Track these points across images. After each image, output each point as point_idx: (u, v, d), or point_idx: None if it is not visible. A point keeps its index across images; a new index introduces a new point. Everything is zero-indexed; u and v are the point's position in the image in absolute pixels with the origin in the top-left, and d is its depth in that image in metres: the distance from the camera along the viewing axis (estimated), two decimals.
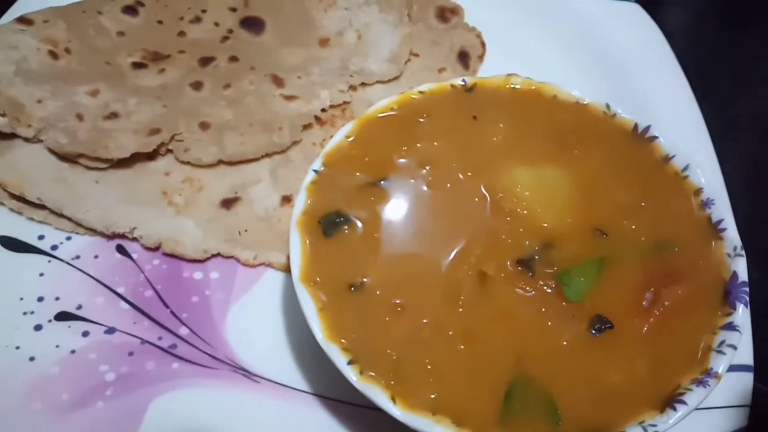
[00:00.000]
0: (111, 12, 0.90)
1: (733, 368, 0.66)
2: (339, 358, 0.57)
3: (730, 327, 0.59)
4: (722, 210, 0.65)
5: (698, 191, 0.67)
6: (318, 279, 0.61)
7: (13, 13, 0.95)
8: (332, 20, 0.96)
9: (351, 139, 0.71)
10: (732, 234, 0.64)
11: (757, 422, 0.68)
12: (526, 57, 0.99)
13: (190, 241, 0.79)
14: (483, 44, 1.00)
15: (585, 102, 0.74)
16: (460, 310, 0.59)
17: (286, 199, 0.82)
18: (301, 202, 0.66)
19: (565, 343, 0.58)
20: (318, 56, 0.92)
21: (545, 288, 0.60)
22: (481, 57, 1.00)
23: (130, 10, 0.91)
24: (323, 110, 0.88)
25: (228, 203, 0.82)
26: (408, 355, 0.57)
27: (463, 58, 0.98)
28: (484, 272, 0.60)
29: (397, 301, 0.60)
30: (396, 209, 0.66)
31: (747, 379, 0.70)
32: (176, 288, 0.77)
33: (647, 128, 0.71)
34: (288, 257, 0.77)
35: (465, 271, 0.61)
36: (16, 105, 0.80)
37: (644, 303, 0.60)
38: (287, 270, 0.79)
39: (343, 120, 0.89)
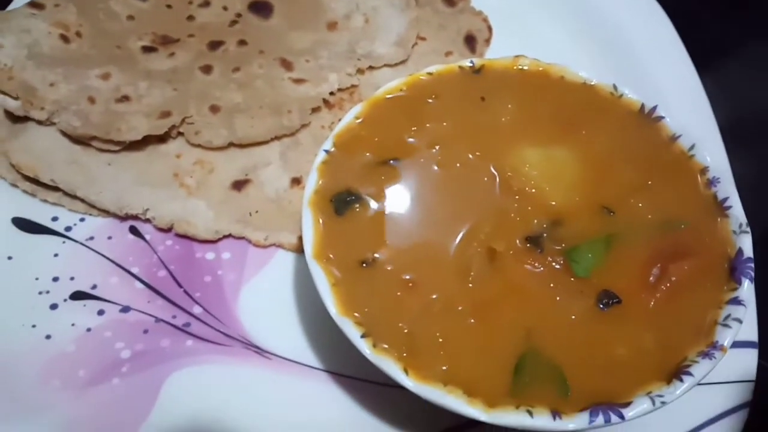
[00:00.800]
0: None
1: (738, 344, 0.68)
2: (352, 332, 0.58)
3: (736, 302, 0.60)
4: (727, 188, 0.66)
5: (704, 170, 0.68)
6: (330, 256, 0.62)
7: None
8: (340, 4, 0.96)
9: (360, 120, 0.72)
10: (737, 211, 0.65)
11: (761, 397, 0.69)
12: (532, 40, 1.00)
13: (202, 222, 0.80)
14: (489, 28, 1.01)
15: (592, 83, 0.75)
16: (470, 285, 0.60)
17: (296, 181, 0.83)
18: (312, 181, 0.67)
19: (573, 317, 0.59)
20: (326, 40, 0.93)
21: (554, 264, 0.62)
22: (487, 41, 1.00)
23: None
24: (332, 93, 0.89)
25: (239, 185, 0.83)
26: (419, 328, 0.58)
27: (470, 41, 0.99)
28: (494, 249, 0.62)
29: (408, 277, 0.61)
30: (406, 188, 0.67)
31: (752, 355, 0.71)
32: (189, 268, 0.79)
33: (654, 108, 0.72)
34: (298, 238, 0.79)
35: (474, 248, 0.62)
36: (29, 88, 0.81)
37: (651, 278, 0.61)
38: (297, 250, 0.80)
39: (351, 103, 0.90)
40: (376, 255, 0.62)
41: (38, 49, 0.84)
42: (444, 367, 0.56)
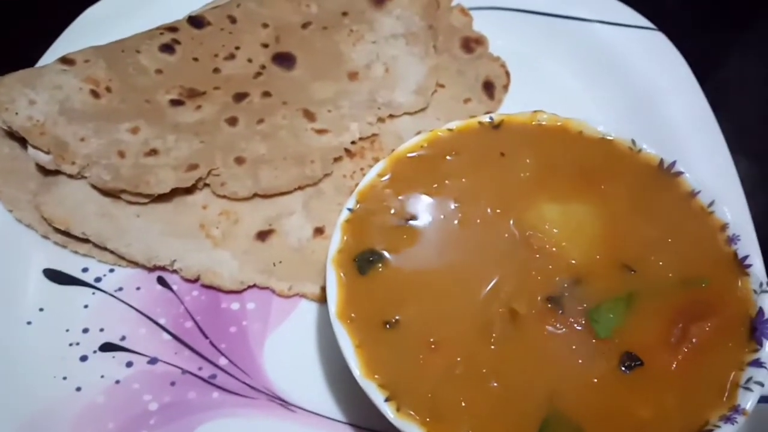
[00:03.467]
0: (149, 51, 0.94)
1: (762, 399, 0.68)
2: (376, 395, 0.59)
3: (757, 364, 0.60)
4: (748, 246, 0.67)
5: (724, 227, 0.68)
6: (354, 315, 0.64)
7: (53, 52, 0.99)
8: (360, 54, 0.98)
9: (383, 177, 0.73)
10: (758, 270, 0.65)
11: None
12: (550, 86, 1.02)
13: (228, 272, 0.82)
14: (507, 74, 1.02)
15: (610, 138, 0.76)
16: (493, 347, 0.61)
17: (319, 231, 0.85)
18: (336, 240, 0.68)
19: (595, 380, 0.60)
20: (347, 90, 0.95)
21: (575, 325, 0.62)
22: (505, 87, 1.02)
23: (167, 48, 0.94)
24: (353, 143, 0.91)
25: (263, 235, 0.84)
26: (443, 392, 0.59)
27: (488, 88, 1.01)
28: (515, 310, 0.62)
29: (431, 339, 0.62)
30: (428, 247, 0.68)
31: None
32: (215, 319, 0.80)
33: (673, 164, 0.73)
34: (321, 288, 0.81)
35: (496, 308, 0.63)
36: (61, 143, 0.84)
37: (672, 339, 0.62)
38: (321, 300, 0.81)
39: (372, 152, 0.92)
40: (399, 316, 0.63)
41: (69, 104, 0.87)
42: None
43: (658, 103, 0.95)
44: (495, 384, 0.59)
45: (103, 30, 1.00)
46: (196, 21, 0.98)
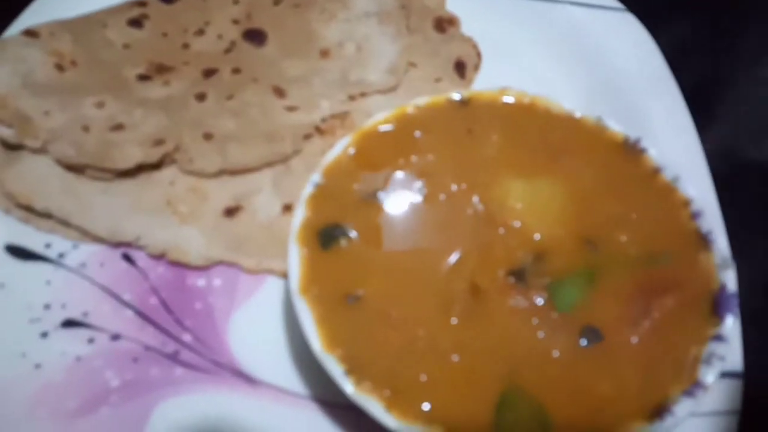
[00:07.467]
0: (116, 25, 0.92)
1: (723, 374, 0.68)
2: (335, 369, 0.59)
3: (719, 338, 0.60)
4: (711, 221, 0.67)
5: (687, 203, 0.68)
6: (316, 291, 0.63)
7: (18, 25, 0.97)
8: (333, 32, 0.97)
9: (349, 152, 0.72)
10: (721, 245, 0.65)
11: (747, 428, 0.69)
12: (521, 66, 1.01)
13: (195, 249, 0.81)
14: (479, 54, 1.02)
15: (576, 115, 0.75)
16: (454, 322, 0.61)
17: (287, 208, 0.84)
18: (300, 215, 0.68)
19: (556, 354, 0.60)
20: (319, 67, 0.94)
21: (537, 299, 0.62)
22: (476, 67, 1.01)
23: (135, 22, 0.93)
24: (324, 120, 0.90)
25: (231, 212, 0.83)
26: (403, 366, 0.59)
27: (460, 68, 1.00)
28: (477, 284, 0.62)
29: (393, 314, 0.62)
30: (392, 222, 0.68)
31: (737, 386, 0.71)
32: (180, 295, 0.79)
33: (637, 140, 0.73)
34: None
35: (458, 283, 0.63)
36: (24, 117, 0.82)
37: (633, 314, 0.62)
38: (288, 277, 0.80)
39: (343, 130, 0.91)
40: (362, 291, 0.63)
41: (33, 77, 0.85)
42: (427, 407, 0.57)
43: (626, 84, 0.94)
44: (455, 358, 0.59)
45: (70, 3, 0.98)
46: None
